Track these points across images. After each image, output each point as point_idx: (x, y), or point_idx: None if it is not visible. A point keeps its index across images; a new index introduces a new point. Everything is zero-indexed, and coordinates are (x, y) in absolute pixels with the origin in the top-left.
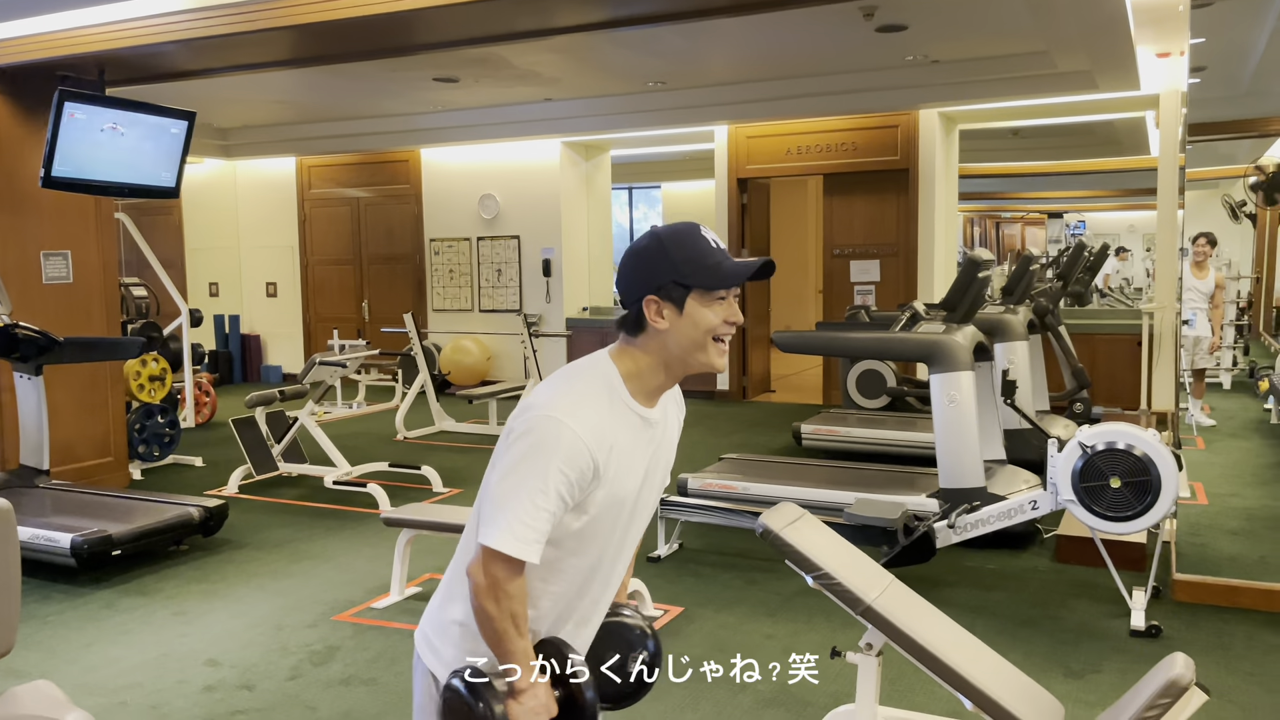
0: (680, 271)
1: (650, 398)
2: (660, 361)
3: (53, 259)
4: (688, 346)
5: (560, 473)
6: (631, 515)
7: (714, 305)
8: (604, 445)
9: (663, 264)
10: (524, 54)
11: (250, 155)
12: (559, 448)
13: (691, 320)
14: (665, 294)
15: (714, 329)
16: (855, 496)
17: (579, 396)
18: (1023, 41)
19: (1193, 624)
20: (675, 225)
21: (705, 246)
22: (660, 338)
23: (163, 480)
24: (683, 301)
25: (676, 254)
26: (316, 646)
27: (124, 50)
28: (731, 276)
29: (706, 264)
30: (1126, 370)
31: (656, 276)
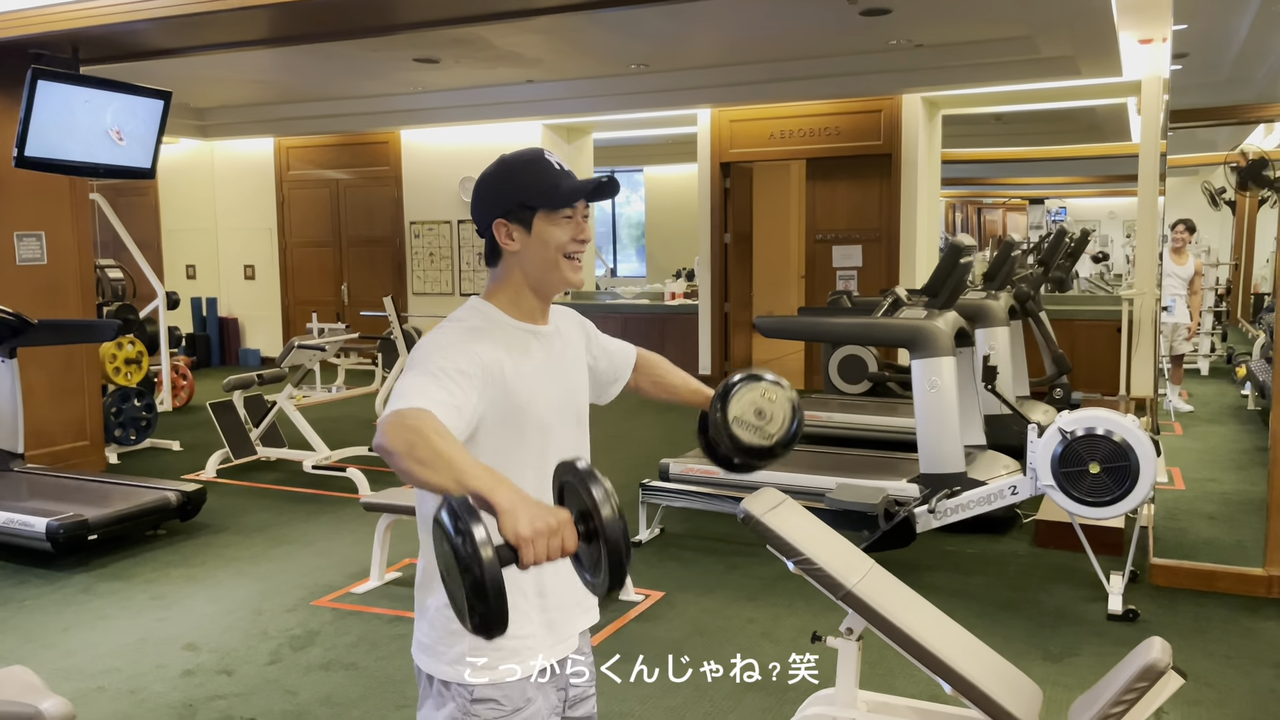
0: (524, 194)
1: (535, 318)
2: (522, 282)
3: (26, 240)
4: (541, 265)
5: (453, 361)
6: (550, 426)
7: (561, 224)
8: (490, 353)
9: (507, 188)
10: (505, 35)
11: (228, 135)
12: (440, 348)
13: (540, 239)
14: (513, 216)
15: (563, 246)
16: (836, 481)
17: (458, 326)
18: (1006, 26)
19: (1170, 608)
20: (520, 151)
21: (548, 168)
22: (515, 259)
23: (139, 464)
24: (530, 222)
25: (520, 178)
26: (296, 631)
27: (98, 28)
28: (572, 193)
29: (549, 184)
30: (1106, 356)
31: (503, 201)
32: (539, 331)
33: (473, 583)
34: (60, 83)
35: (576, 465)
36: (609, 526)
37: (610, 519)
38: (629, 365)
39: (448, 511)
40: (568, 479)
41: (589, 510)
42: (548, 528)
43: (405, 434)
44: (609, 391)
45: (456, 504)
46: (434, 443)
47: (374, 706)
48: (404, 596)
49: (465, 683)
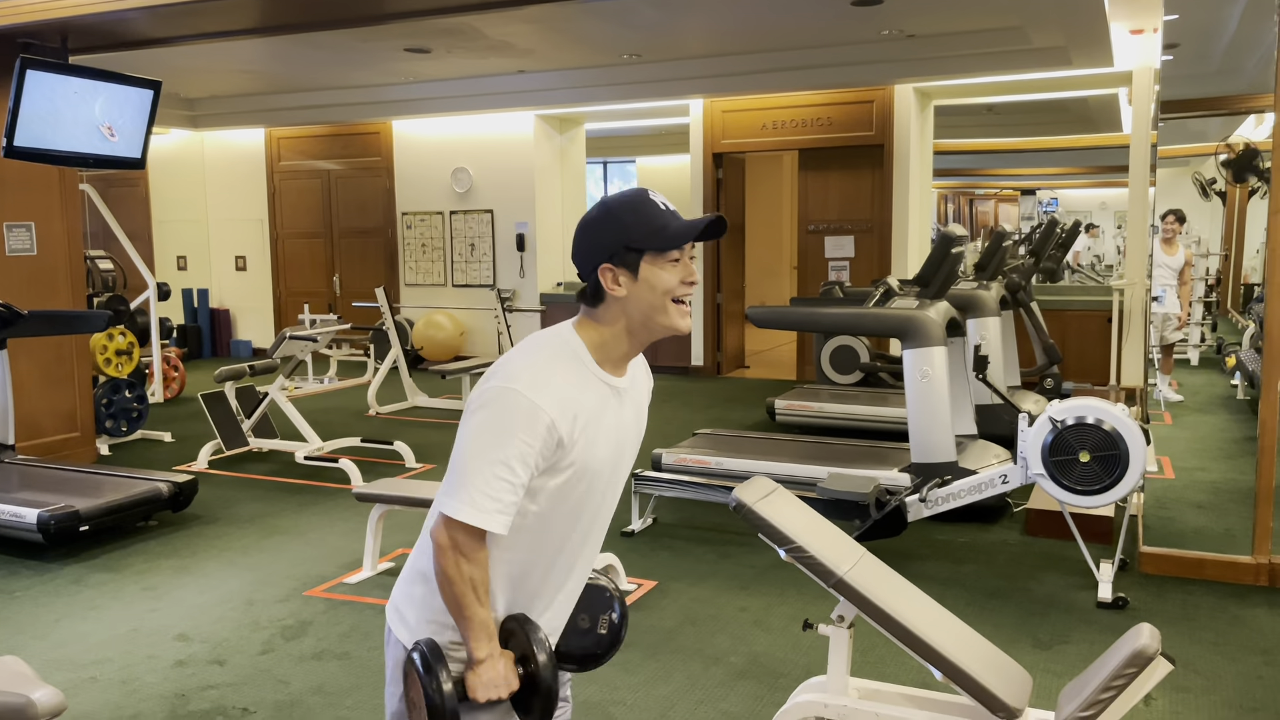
0: (631, 236)
1: (617, 366)
2: (623, 329)
3: (16, 230)
4: (647, 310)
5: (521, 442)
6: (606, 486)
7: (668, 266)
8: (568, 414)
9: (613, 231)
10: (497, 24)
11: (218, 126)
12: (518, 418)
13: (648, 284)
14: (619, 260)
15: (671, 290)
16: (828, 471)
17: (541, 367)
18: (998, 17)
19: (1159, 595)
20: (623, 192)
21: (654, 210)
22: (619, 305)
23: (131, 455)
24: (637, 266)
25: (626, 220)
26: (288, 621)
27: (87, 17)
28: (680, 235)
29: (655, 226)
30: (1097, 346)
31: (609, 244)
32: (617, 387)
33: (434, 709)
34: (49, 72)
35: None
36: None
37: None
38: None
39: (421, 660)
40: (511, 626)
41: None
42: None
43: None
44: None
45: (429, 653)
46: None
47: (366, 696)
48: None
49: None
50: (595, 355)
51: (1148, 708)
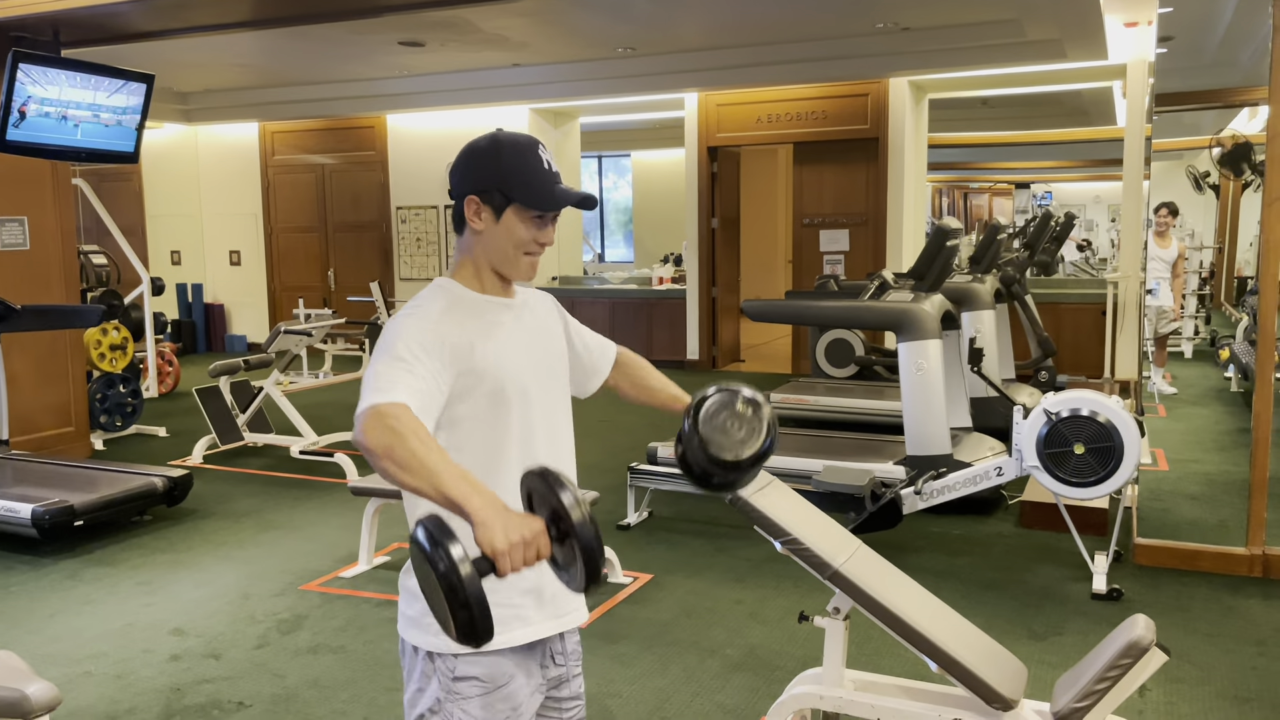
0: (506, 181)
1: (499, 291)
2: (484, 263)
3: (8, 225)
4: (496, 255)
5: (409, 339)
6: (536, 397)
7: (528, 223)
8: (454, 326)
9: (492, 169)
10: (491, 17)
11: (212, 120)
12: (402, 331)
13: (506, 229)
14: (486, 198)
15: (523, 244)
16: (823, 464)
17: (422, 305)
18: (993, 9)
19: (1153, 587)
20: (516, 135)
21: (538, 165)
22: (477, 240)
23: (125, 450)
24: (501, 210)
25: (508, 162)
26: (284, 615)
27: (79, 10)
28: (550, 201)
29: (532, 181)
30: (1091, 339)
31: (483, 179)
32: (507, 304)
33: (454, 598)
34: (41, 65)
35: (545, 473)
36: (580, 529)
37: (581, 522)
38: (609, 360)
39: (424, 532)
40: (535, 485)
41: (560, 514)
42: (522, 539)
43: (384, 435)
44: (589, 384)
45: (431, 525)
46: (412, 446)
47: (362, 689)
48: (392, 580)
49: (447, 653)
50: (473, 287)
51: (1142, 698)
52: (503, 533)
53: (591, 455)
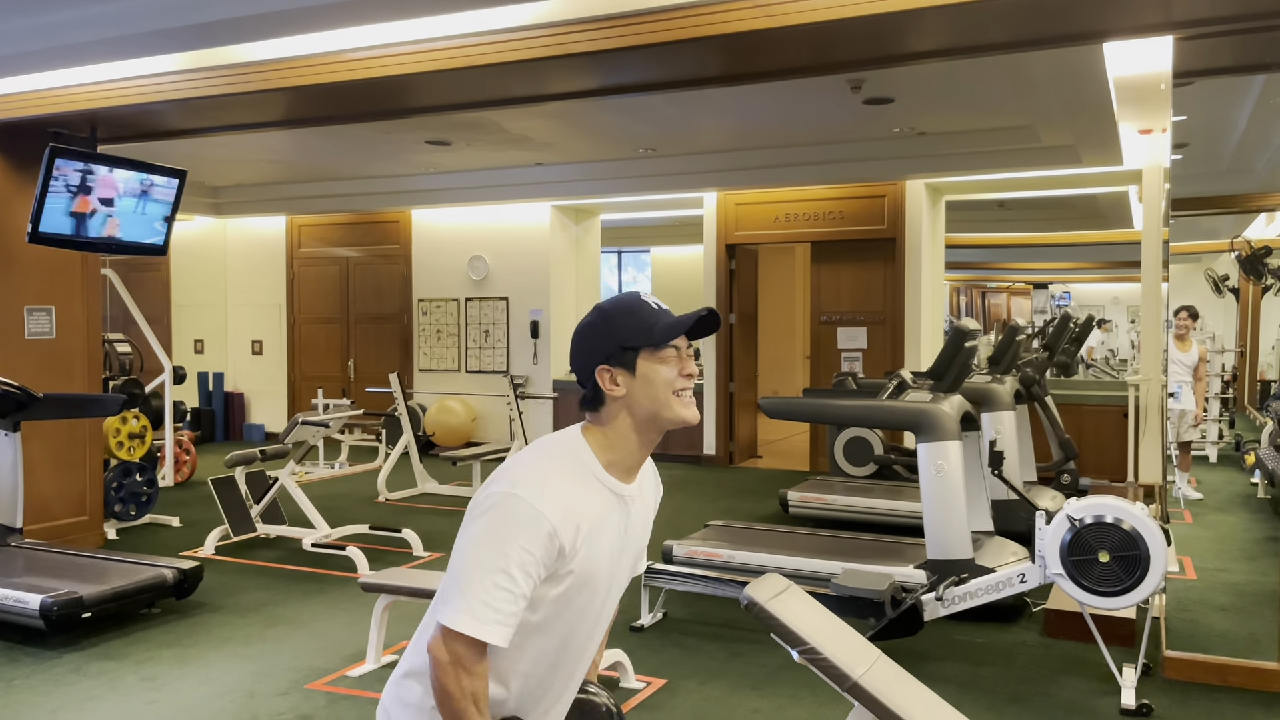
0: (624, 336)
1: (627, 473)
2: (629, 428)
3: (36, 314)
4: (650, 406)
5: (523, 550)
6: (606, 594)
7: (666, 362)
8: (571, 523)
9: (608, 333)
10: (516, 119)
11: (241, 213)
12: (520, 526)
13: (646, 379)
14: (615, 361)
15: (670, 383)
16: (842, 566)
17: (548, 472)
18: (1007, 116)
19: (1183, 702)
20: (617, 296)
21: (646, 309)
22: (621, 404)
23: (138, 540)
24: (634, 364)
25: (620, 321)
26: (288, 716)
27: (116, 109)
28: (672, 329)
29: (649, 324)
30: (1113, 442)
31: (605, 346)
32: (625, 495)
33: None
34: (78, 160)
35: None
36: None
37: None
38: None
39: None
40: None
41: None
42: None
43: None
44: None
45: None
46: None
47: None
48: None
49: None
50: (602, 460)
51: None
52: None
53: None
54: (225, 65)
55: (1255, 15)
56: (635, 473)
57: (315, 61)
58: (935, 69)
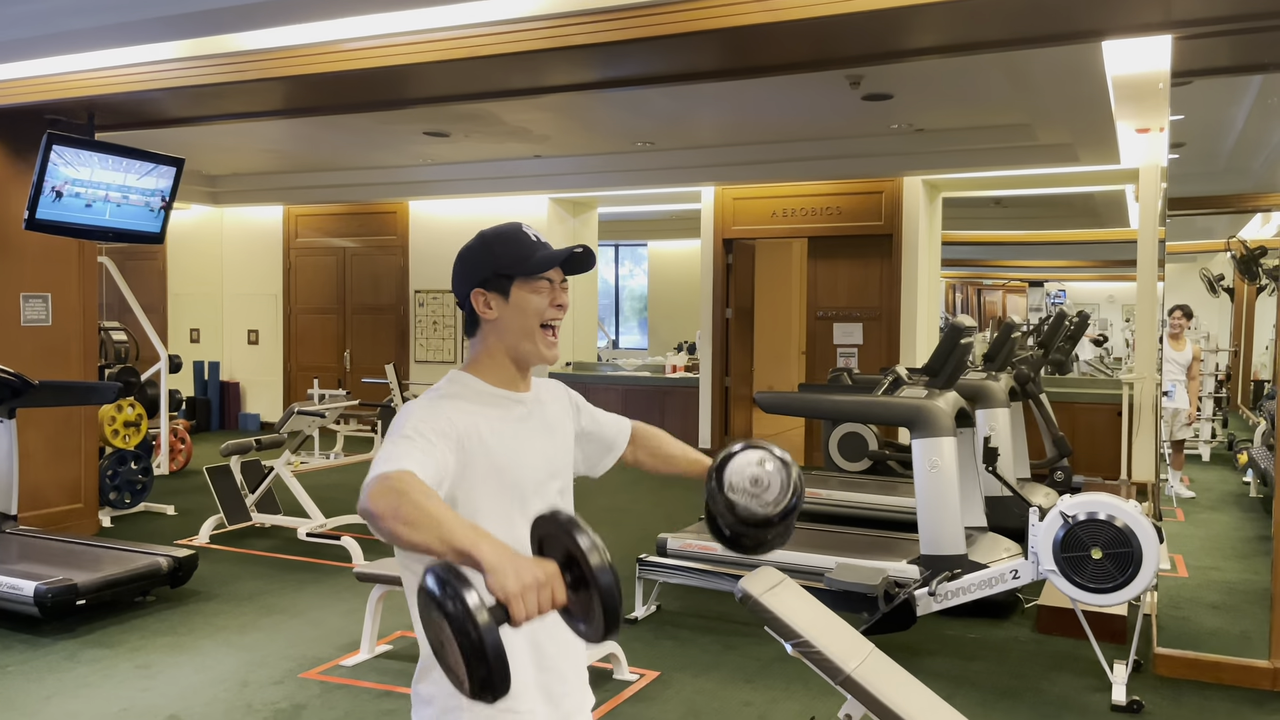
0: (501, 263)
1: (513, 385)
2: (499, 352)
3: (32, 301)
4: (518, 334)
5: (418, 420)
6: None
7: (539, 291)
8: (462, 415)
9: (485, 258)
10: (515, 111)
11: (238, 203)
12: (408, 415)
13: (518, 307)
14: (490, 285)
15: (540, 313)
16: (836, 561)
17: (426, 396)
18: (1005, 114)
19: (1174, 699)
20: (499, 225)
21: (525, 239)
22: (492, 329)
23: (133, 528)
24: (508, 290)
25: (497, 248)
26: (282, 705)
27: (114, 96)
28: (547, 261)
29: (526, 254)
30: (1106, 439)
31: (481, 270)
32: (519, 398)
33: (470, 647)
34: (74, 148)
35: (557, 516)
36: (598, 573)
37: (599, 566)
38: (624, 436)
39: (434, 579)
40: (549, 530)
41: (576, 558)
42: (535, 581)
43: (389, 496)
44: (602, 463)
45: (441, 570)
46: (418, 501)
47: None
48: (393, 670)
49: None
50: (487, 380)
51: None
52: (515, 576)
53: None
54: (224, 53)
55: (1254, 15)
56: (524, 384)
57: (313, 51)
58: (934, 66)
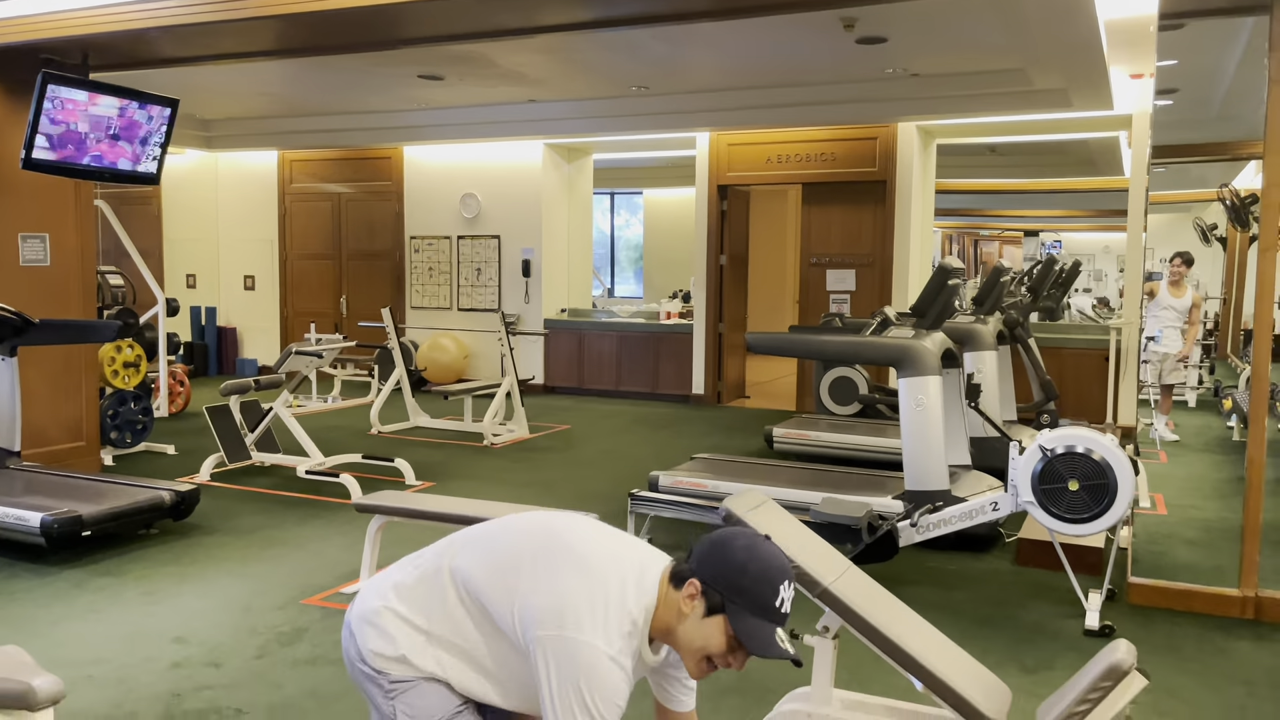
0: (736, 595)
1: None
2: (667, 633)
3: (30, 241)
4: (684, 645)
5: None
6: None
7: (729, 639)
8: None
9: (731, 573)
10: (509, 53)
11: (232, 147)
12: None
13: (704, 631)
14: (710, 594)
15: (711, 653)
16: (823, 496)
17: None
18: (1000, 58)
19: (1146, 625)
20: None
21: (772, 601)
22: (679, 618)
23: (134, 467)
24: (714, 612)
25: (749, 582)
26: (284, 628)
27: (108, 35)
28: (761, 647)
29: (756, 613)
30: (1093, 384)
31: (720, 577)
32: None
33: None
34: (70, 87)
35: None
36: None
37: None
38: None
39: None
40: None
41: None
42: None
43: None
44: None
45: None
46: None
47: (359, 700)
48: None
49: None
50: (650, 621)
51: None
52: None
53: (594, 483)
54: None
55: None
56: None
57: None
58: (928, 8)
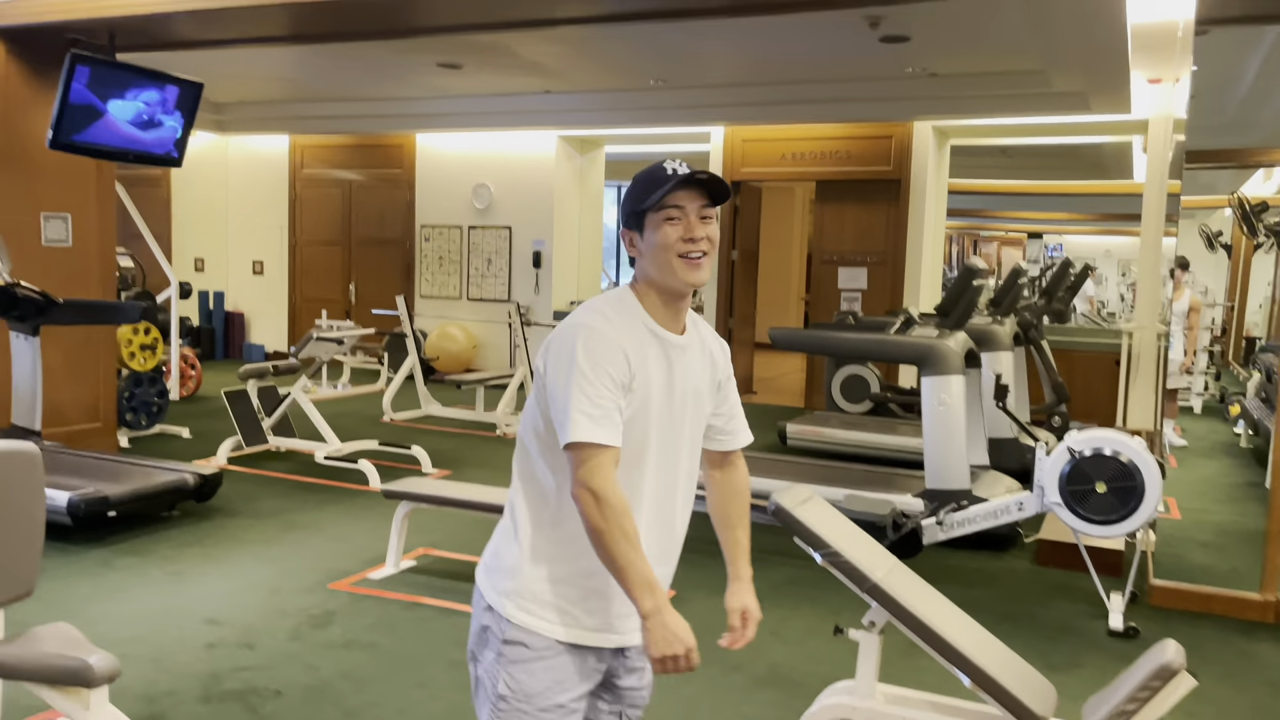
0: (636, 199)
1: (670, 322)
2: (650, 287)
3: (53, 221)
4: (659, 268)
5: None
6: (669, 434)
7: (666, 225)
8: (634, 353)
9: (629, 196)
10: (529, 44)
11: (244, 131)
12: (599, 347)
13: (651, 243)
14: (632, 223)
15: (672, 246)
16: (843, 493)
17: (607, 313)
18: (1020, 59)
19: (1168, 627)
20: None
21: (659, 173)
22: (641, 265)
23: (150, 449)
24: (643, 227)
25: (636, 186)
26: (314, 611)
27: (134, 17)
28: (664, 191)
29: (655, 189)
30: (1102, 387)
31: (626, 210)
32: (679, 342)
33: None
34: (97, 68)
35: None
36: None
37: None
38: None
39: None
40: None
41: None
42: (674, 654)
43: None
44: None
45: None
46: (616, 538)
47: (395, 684)
48: (420, 584)
49: (503, 615)
50: (648, 309)
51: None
52: (664, 644)
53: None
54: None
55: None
56: (679, 324)
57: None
58: (954, 7)
